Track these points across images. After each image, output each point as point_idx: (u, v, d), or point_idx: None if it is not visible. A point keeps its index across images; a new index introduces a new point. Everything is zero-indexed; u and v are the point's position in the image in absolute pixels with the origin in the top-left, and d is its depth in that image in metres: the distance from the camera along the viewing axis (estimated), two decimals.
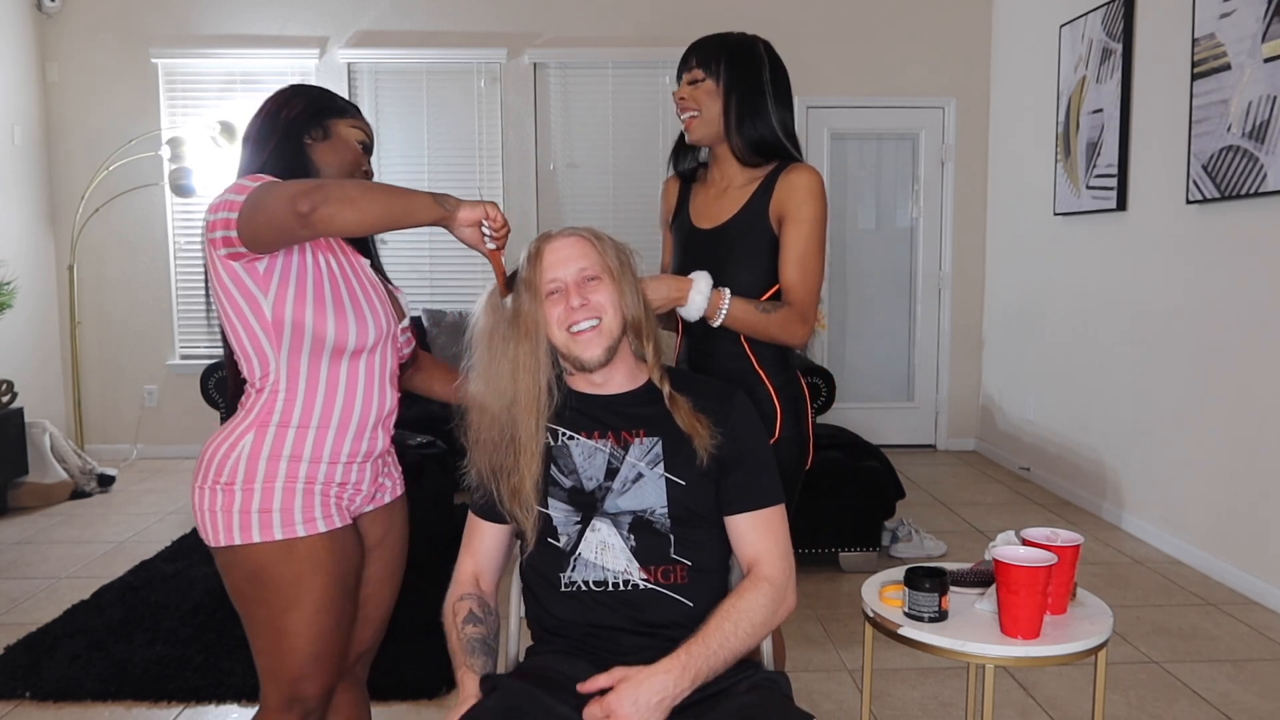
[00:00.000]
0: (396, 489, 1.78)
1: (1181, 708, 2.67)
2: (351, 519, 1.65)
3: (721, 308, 1.80)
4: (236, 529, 1.53)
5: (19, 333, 5.31)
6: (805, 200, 1.86)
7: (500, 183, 5.76)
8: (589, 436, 1.57)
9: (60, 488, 4.80)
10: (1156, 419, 4.08)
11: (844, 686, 2.80)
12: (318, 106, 1.66)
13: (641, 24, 5.69)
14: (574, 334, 1.54)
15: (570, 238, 1.58)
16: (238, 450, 1.55)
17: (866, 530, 3.73)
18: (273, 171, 1.58)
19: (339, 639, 1.61)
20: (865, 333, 6.03)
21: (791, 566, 1.56)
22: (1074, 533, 1.73)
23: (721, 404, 1.59)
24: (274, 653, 1.58)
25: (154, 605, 3.35)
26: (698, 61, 1.91)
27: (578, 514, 1.54)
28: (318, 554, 1.55)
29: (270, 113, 1.65)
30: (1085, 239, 4.67)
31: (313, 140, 1.64)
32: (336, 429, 1.59)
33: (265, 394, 1.57)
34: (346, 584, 1.61)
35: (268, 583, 1.54)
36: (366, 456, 1.65)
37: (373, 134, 1.74)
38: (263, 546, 1.53)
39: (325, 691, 1.62)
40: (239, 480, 1.54)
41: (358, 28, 5.65)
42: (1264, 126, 3.35)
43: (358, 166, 1.67)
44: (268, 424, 1.56)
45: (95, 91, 5.63)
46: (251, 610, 1.58)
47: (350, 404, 1.60)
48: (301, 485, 1.56)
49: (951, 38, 5.78)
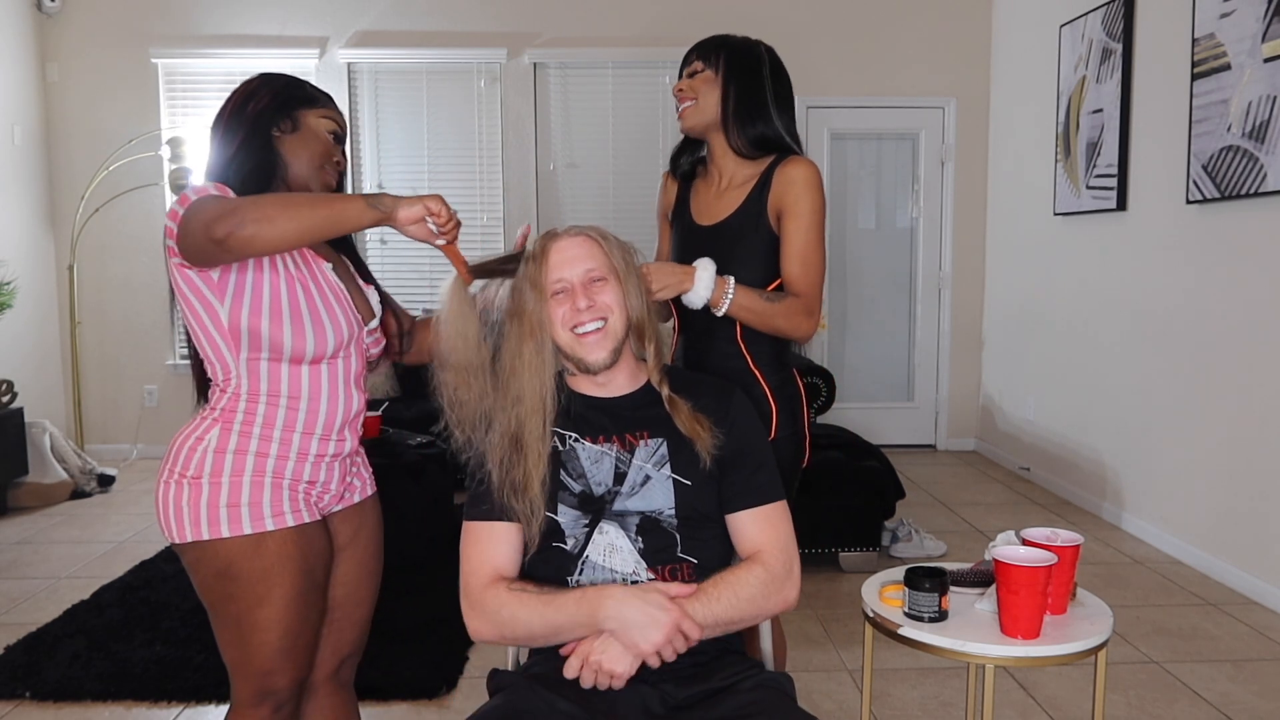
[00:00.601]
0: (367, 489, 1.76)
1: (1181, 708, 2.67)
2: (321, 516, 1.63)
3: (726, 294, 1.80)
4: (205, 523, 1.51)
5: (19, 333, 5.31)
6: (803, 193, 1.86)
7: (500, 183, 5.76)
8: (594, 441, 1.56)
9: (60, 488, 4.80)
10: (1156, 419, 4.08)
11: (844, 686, 2.80)
12: (285, 97, 1.61)
13: (641, 24, 5.69)
14: (579, 335, 1.54)
15: (577, 237, 1.58)
16: (204, 443, 1.54)
17: (866, 530, 3.73)
18: (239, 167, 1.56)
19: (308, 632, 1.60)
20: (865, 333, 6.03)
21: (792, 560, 1.55)
22: (1074, 533, 1.73)
23: (720, 402, 1.59)
24: (243, 647, 1.56)
25: (154, 605, 3.35)
26: (697, 55, 1.92)
27: (585, 517, 1.54)
28: (287, 548, 1.54)
29: (237, 105, 1.61)
30: (1085, 239, 4.67)
31: (281, 132, 1.60)
32: (301, 432, 1.58)
33: (228, 395, 1.56)
34: (315, 578, 1.59)
35: (237, 577, 1.52)
36: (334, 456, 1.64)
37: (344, 123, 1.70)
38: (232, 541, 1.52)
39: (295, 684, 1.60)
40: (206, 473, 1.52)
41: (358, 28, 5.65)
42: (1264, 126, 3.35)
43: (328, 158, 1.63)
44: (232, 421, 1.54)
45: (95, 91, 5.63)
46: (220, 606, 1.55)
47: (315, 408, 1.58)
48: (269, 479, 1.54)
49: (951, 38, 5.78)
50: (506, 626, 1.47)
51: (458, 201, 5.53)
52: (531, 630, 1.47)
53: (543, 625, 1.45)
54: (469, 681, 2.81)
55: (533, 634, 1.48)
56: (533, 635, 1.48)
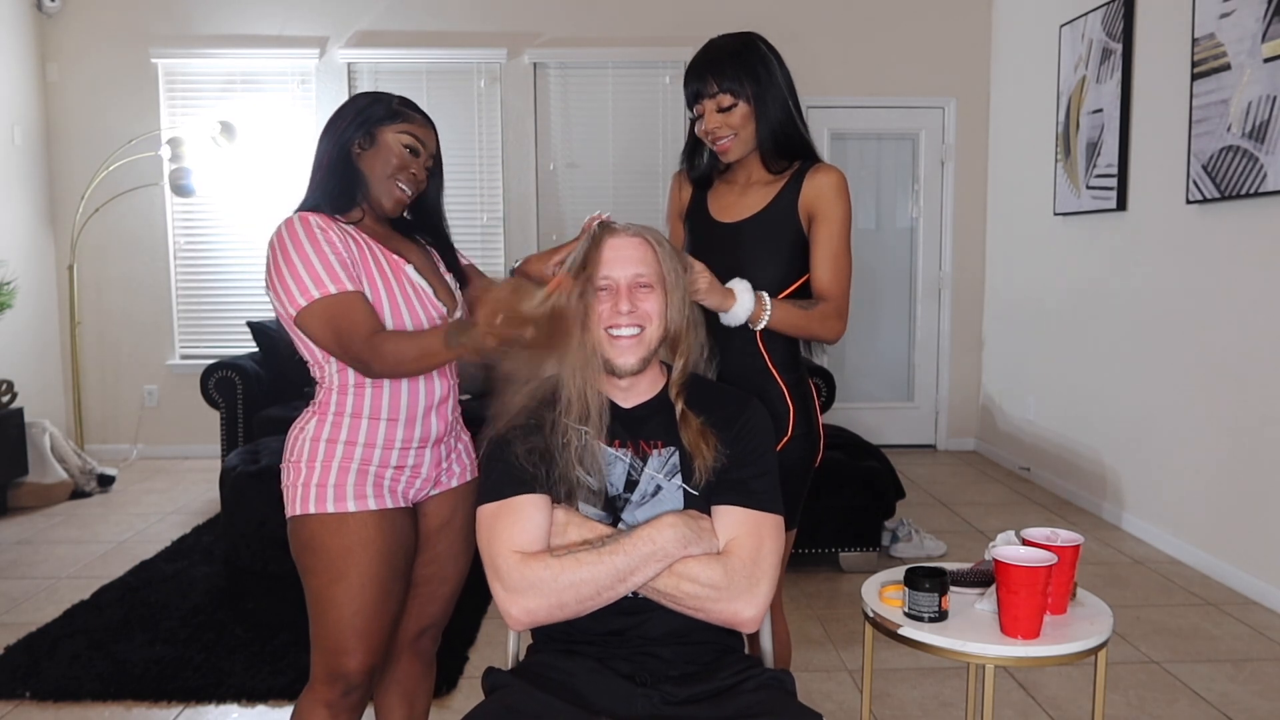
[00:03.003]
0: (466, 474, 1.86)
1: (1181, 708, 2.67)
2: (411, 503, 1.76)
3: (765, 311, 1.81)
4: (298, 500, 1.68)
5: (19, 333, 5.31)
6: (835, 200, 1.89)
7: (500, 183, 5.76)
8: (609, 444, 1.55)
9: (60, 488, 4.80)
10: (1156, 419, 4.08)
11: (844, 686, 2.80)
12: (366, 115, 1.73)
13: (641, 24, 5.69)
14: (613, 337, 1.53)
15: (635, 238, 1.57)
16: (305, 432, 1.71)
17: (866, 530, 3.73)
18: (327, 192, 1.71)
19: (383, 617, 1.69)
20: (865, 333, 6.02)
21: (760, 577, 1.46)
22: (1074, 533, 1.73)
23: (737, 413, 1.58)
24: (320, 622, 1.68)
25: (154, 605, 3.35)
26: (721, 87, 1.87)
27: (609, 517, 1.53)
28: (367, 530, 1.66)
29: (329, 124, 1.76)
30: (1085, 239, 4.67)
31: (361, 150, 1.73)
32: (387, 420, 1.70)
33: (323, 389, 1.73)
34: (394, 563, 1.69)
35: (318, 551, 1.66)
36: (423, 442, 1.75)
37: (427, 137, 1.77)
38: (316, 518, 1.66)
39: (366, 670, 1.69)
40: (304, 458, 1.69)
41: (358, 28, 5.65)
42: (1264, 126, 3.35)
43: (400, 171, 1.73)
44: (327, 412, 1.71)
45: (95, 91, 5.63)
46: (306, 580, 1.69)
47: (396, 397, 1.71)
48: (356, 466, 1.68)
49: (951, 38, 5.78)
50: (568, 591, 1.42)
51: (458, 201, 5.55)
52: (598, 583, 1.42)
53: (609, 573, 1.42)
54: (469, 681, 2.81)
55: (600, 589, 1.42)
56: (599, 590, 1.42)
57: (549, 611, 1.44)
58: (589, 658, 1.51)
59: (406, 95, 1.86)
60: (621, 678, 1.48)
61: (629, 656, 1.50)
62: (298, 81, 5.68)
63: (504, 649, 1.66)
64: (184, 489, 5.07)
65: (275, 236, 1.68)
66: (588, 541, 1.46)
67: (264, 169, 5.64)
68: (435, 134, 1.81)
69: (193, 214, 5.72)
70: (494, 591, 1.46)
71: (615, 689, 1.46)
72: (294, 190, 1.85)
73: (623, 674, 1.48)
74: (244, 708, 2.66)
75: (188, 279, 5.78)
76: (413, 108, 1.78)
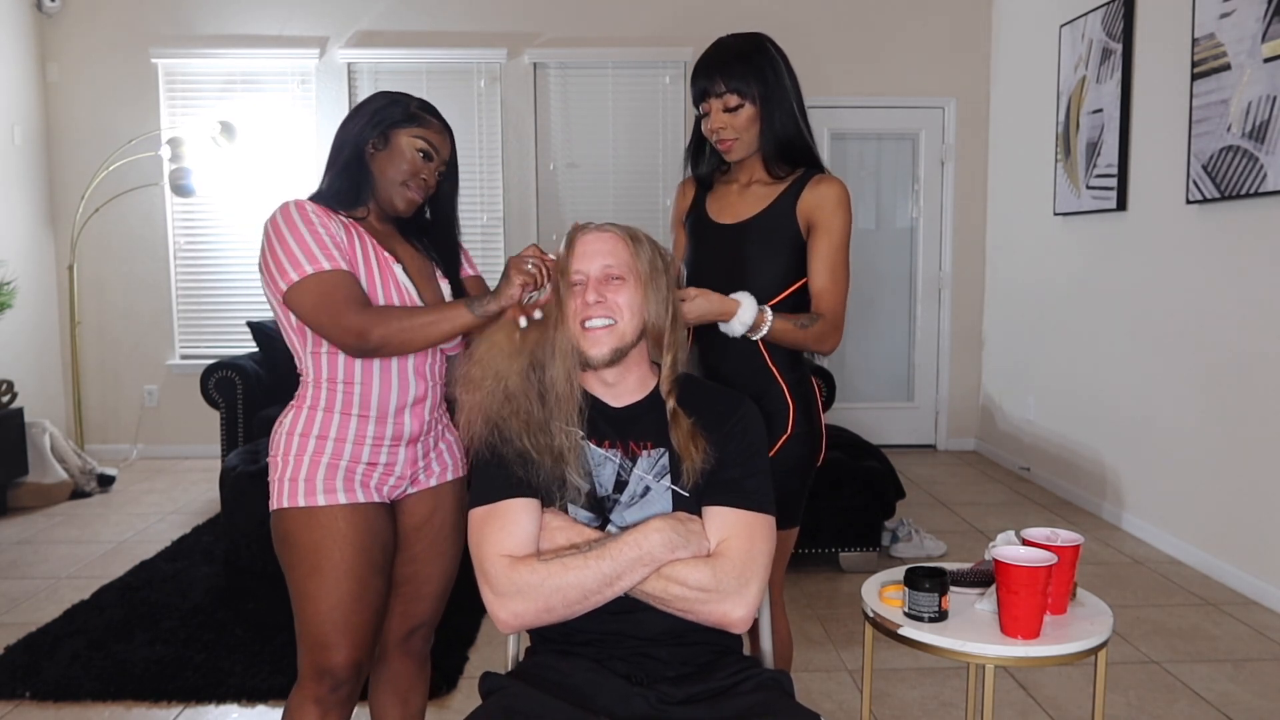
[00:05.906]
0: (448, 473, 1.85)
1: (1181, 708, 2.67)
2: (388, 499, 1.76)
3: (765, 323, 1.82)
4: (274, 494, 1.70)
5: (19, 333, 5.31)
6: (835, 211, 1.89)
7: (500, 183, 5.76)
8: (599, 444, 1.56)
9: (60, 488, 4.80)
10: (1156, 419, 4.08)
11: (844, 686, 2.80)
12: (381, 116, 1.74)
13: (641, 24, 5.69)
14: (585, 329, 1.53)
15: (604, 233, 1.58)
16: (284, 426, 1.73)
17: (866, 530, 3.73)
18: (338, 190, 1.72)
19: (363, 611, 1.68)
20: (865, 333, 6.02)
21: (750, 578, 1.45)
22: (1074, 533, 1.72)
23: (730, 412, 1.58)
24: (302, 617, 1.69)
25: (154, 605, 3.35)
26: (728, 87, 1.87)
27: (597, 519, 1.53)
28: (336, 524, 1.66)
29: (345, 122, 1.77)
30: (1085, 239, 4.67)
31: (374, 150, 1.74)
32: (358, 415, 1.71)
33: (303, 382, 1.75)
34: (369, 558, 1.69)
35: (293, 546, 1.68)
36: (395, 440, 1.74)
37: (443, 142, 1.78)
38: (289, 511, 1.68)
39: (351, 664, 1.68)
40: (280, 452, 1.71)
41: (358, 28, 5.65)
42: (1264, 126, 3.35)
43: (412, 175, 1.73)
44: (303, 406, 1.73)
45: (95, 91, 5.64)
46: (286, 575, 1.71)
47: (367, 393, 1.71)
48: (326, 460, 1.69)
49: (951, 38, 5.78)
50: (555, 595, 1.42)
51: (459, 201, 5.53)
52: (585, 588, 1.42)
53: (596, 578, 1.42)
54: (469, 681, 2.81)
55: (586, 593, 1.42)
56: (586, 595, 1.42)
57: (536, 615, 1.45)
58: (586, 658, 1.51)
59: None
60: (619, 678, 1.47)
61: (626, 657, 1.50)
62: (298, 81, 5.68)
63: (504, 649, 1.66)
64: (184, 489, 5.07)
65: (270, 219, 1.69)
66: (575, 546, 1.47)
67: (264, 169, 5.64)
68: (451, 140, 1.80)
69: (193, 214, 5.72)
70: (483, 595, 1.47)
71: (613, 689, 1.46)
72: (294, 191, 1.85)
73: (620, 674, 1.48)
74: (244, 708, 2.66)
75: (188, 279, 5.78)
76: (431, 112, 1.78)
